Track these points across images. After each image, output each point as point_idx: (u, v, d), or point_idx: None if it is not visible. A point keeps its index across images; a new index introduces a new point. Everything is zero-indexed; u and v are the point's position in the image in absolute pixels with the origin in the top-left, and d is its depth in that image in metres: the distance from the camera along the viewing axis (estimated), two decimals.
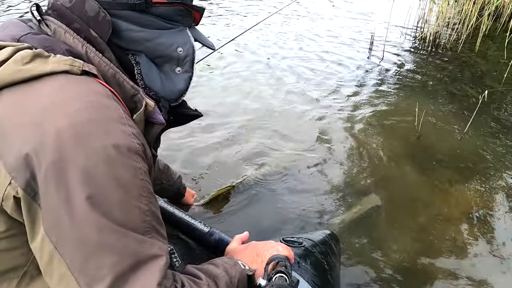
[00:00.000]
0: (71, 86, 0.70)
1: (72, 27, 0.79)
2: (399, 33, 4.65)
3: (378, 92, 3.31)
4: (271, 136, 2.58)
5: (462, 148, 2.54)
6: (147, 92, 0.86)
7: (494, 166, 2.38)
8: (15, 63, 0.69)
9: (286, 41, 4.33)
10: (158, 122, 0.85)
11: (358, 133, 2.68)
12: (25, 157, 0.64)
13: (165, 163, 1.60)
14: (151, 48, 0.84)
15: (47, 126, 0.65)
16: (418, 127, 2.71)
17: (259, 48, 4.07)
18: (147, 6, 0.81)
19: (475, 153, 2.49)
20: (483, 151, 2.52)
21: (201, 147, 2.41)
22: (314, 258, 1.28)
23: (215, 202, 1.94)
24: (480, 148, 2.55)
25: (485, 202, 2.10)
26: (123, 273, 0.66)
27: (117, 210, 0.67)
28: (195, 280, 0.81)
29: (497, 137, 2.68)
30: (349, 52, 4.13)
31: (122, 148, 0.68)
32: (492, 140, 2.63)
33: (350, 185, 2.18)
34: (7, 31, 0.78)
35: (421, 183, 2.23)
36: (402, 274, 1.69)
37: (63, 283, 0.66)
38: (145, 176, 0.73)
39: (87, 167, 0.64)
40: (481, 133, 2.70)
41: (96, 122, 0.67)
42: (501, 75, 3.54)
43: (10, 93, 0.69)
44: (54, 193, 0.64)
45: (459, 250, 1.82)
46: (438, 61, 3.95)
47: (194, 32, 0.92)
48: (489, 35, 4.40)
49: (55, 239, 0.65)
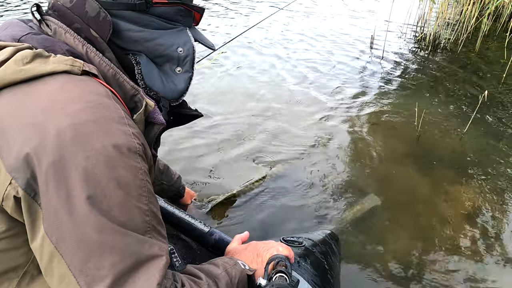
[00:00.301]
0: (71, 86, 0.70)
1: (72, 27, 0.79)
2: (399, 33, 4.65)
3: (378, 92, 3.31)
4: (271, 136, 2.58)
5: (462, 148, 2.54)
6: (147, 92, 0.86)
7: (494, 166, 2.38)
8: (16, 63, 0.69)
9: (288, 40, 4.34)
10: (158, 122, 0.85)
11: (358, 133, 2.68)
12: (26, 157, 0.64)
13: (165, 163, 1.60)
14: (151, 48, 0.85)
15: (47, 126, 0.65)
16: (418, 127, 2.71)
17: (260, 48, 4.07)
18: (147, 6, 0.82)
19: (475, 153, 2.49)
20: (483, 151, 2.52)
21: (201, 147, 2.41)
22: (314, 258, 1.28)
23: (215, 202, 1.93)
24: (480, 148, 2.55)
25: (485, 202, 2.10)
26: (123, 273, 0.66)
27: (118, 210, 0.67)
28: (195, 280, 0.81)
29: (497, 137, 2.67)
30: (349, 52, 4.13)
31: (122, 148, 0.68)
32: (492, 140, 2.63)
33: (350, 184, 2.18)
34: (8, 31, 0.78)
35: (421, 183, 2.23)
36: (402, 273, 1.69)
37: (64, 283, 0.66)
38: (145, 176, 0.73)
39: (88, 167, 0.65)
40: (481, 133, 2.70)
41: (96, 122, 0.67)
42: (501, 75, 3.54)
43: (11, 93, 0.69)
44: (54, 193, 0.64)
45: (459, 250, 1.82)
46: (437, 61, 3.95)
47: (194, 32, 0.92)
48: (489, 35, 4.40)
49: (55, 239, 0.65)
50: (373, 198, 2.09)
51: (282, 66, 3.70)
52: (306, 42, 4.33)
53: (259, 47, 4.10)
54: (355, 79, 3.52)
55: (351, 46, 4.28)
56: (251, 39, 4.21)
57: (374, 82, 3.48)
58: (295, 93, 3.20)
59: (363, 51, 4.14)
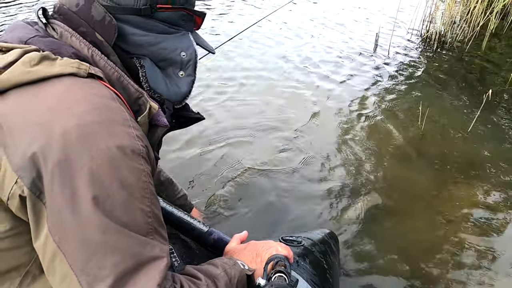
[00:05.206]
0: (77, 88, 0.71)
1: (78, 30, 0.80)
2: (405, 30, 4.61)
3: (382, 89, 3.30)
4: (270, 135, 2.58)
5: (465, 147, 2.53)
6: (151, 94, 0.88)
7: (498, 166, 2.37)
8: (24, 64, 0.70)
9: (289, 38, 4.30)
10: (161, 124, 0.86)
11: (360, 131, 2.68)
12: (32, 156, 0.65)
13: (169, 177, 1.54)
14: (155, 52, 0.86)
15: (54, 127, 0.66)
16: (421, 125, 2.71)
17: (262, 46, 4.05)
18: (152, 11, 0.83)
19: (479, 152, 2.48)
20: (487, 150, 2.51)
21: (202, 147, 2.41)
22: (313, 257, 1.29)
23: (214, 202, 1.94)
24: (484, 147, 2.54)
25: (488, 201, 2.10)
26: (125, 273, 0.67)
27: (120, 210, 0.68)
28: (194, 280, 0.82)
29: (501, 136, 2.66)
30: (352, 48, 4.10)
31: (126, 150, 0.70)
32: (496, 140, 2.62)
33: (351, 183, 2.19)
34: (15, 33, 0.79)
35: (423, 182, 2.23)
36: (402, 273, 1.70)
37: (65, 282, 0.67)
38: (148, 178, 0.74)
39: (92, 168, 0.66)
40: (485, 133, 2.69)
41: (101, 123, 0.68)
42: (508, 74, 3.51)
43: (18, 93, 0.70)
44: (59, 193, 0.65)
45: (461, 249, 1.82)
46: (443, 59, 3.93)
47: (195, 36, 0.93)
48: (496, 34, 4.36)
49: (58, 238, 0.66)
50: (374, 196, 2.09)
51: (282, 64, 3.68)
52: (310, 39, 4.31)
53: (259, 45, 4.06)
54: (358, 77, 3.50)
55: (355, 43, 4.25)
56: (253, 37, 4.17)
57: (378, 80, 3.46)
58: (294, 89, 3.19)
59: (367, 48, 4.11)
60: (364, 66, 3.72)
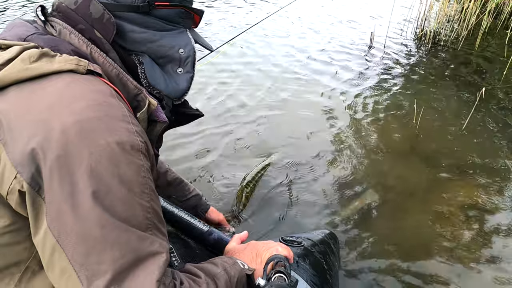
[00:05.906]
0: (76, 85, 0.71)
1: (77, 28, 0.80)
2: (400, 29, 4.64)
3: (377, 88, 3.31)
4: (270, 135, 2.59)
5: (460, 145, 2.55)
6: (150, 91, 0.88)
7: (491, 163, 2.39)
8: (23, 61, 0.71)
9: (288, 38, 4.32)
10: (161, 120, 0.87)
11: (356, 130, 2.69)
12: (31, 151, 0.65)
13: (178, 177, 1.51)
14: (154, 49, 0.86)
15: (53, 122, 0.66)
16: (416, 124, 2.72)
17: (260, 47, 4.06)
18: (150, 9, 0.83)
19: (473, 150, 2.50)
20: (480, 148, 2.53)
21: (202, 147, 2.42)
22: (313, 258, 1.29)
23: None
24: (478, 145, 2.56)
25: (483, 198, 2.11)
26: (124, 268, 0.67)
27: (120, 206, 0.68)
28: (194, 278, 0.81)
29: (495, 134, 2.69)
30: (347, 48, 4.12)
31: (126, 145, 0.70)
32: (489, 137, 2.65)
33: (348, 183, 2.20)
34: (14, 31, 0.79)
35: (420, 180, 2.25)
36: (402, 272, 1.70)
37: (64, 276, 0.67)
38: (147, 173, 0.74)
39: (91, 163, 0.66)
40: (479, 130, 2.71)
41: (100, 119, 0.69)
42: (501, 73, 3.54)
43: (18, 90, 0.70)
44: (58, 187, 0.65)
45: (458, 247, 1.83)
46: (437, 58, 3.95)
47: (193, 34, 0.94)
48: (489, 33, 4.39)
49: (57, 233, 0.66)
50: (371, 195, 2.10)
51: (279, 64, 3.69)
52: (304, 38, 4.32)
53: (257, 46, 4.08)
54: (353, 76, 3.52)
55: (349, 42, 4.26)
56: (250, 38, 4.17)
57: (373, 79, 3.48)
58: (291, 90, 3.20)
59: (362, 48, 4.13)
60: (358, 65, 3.74)
